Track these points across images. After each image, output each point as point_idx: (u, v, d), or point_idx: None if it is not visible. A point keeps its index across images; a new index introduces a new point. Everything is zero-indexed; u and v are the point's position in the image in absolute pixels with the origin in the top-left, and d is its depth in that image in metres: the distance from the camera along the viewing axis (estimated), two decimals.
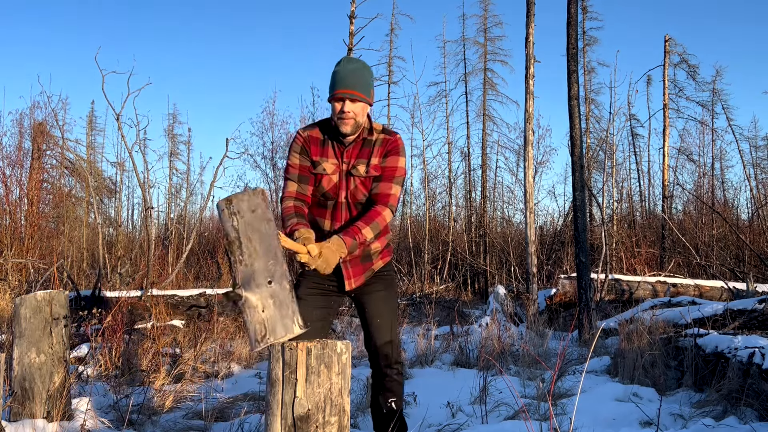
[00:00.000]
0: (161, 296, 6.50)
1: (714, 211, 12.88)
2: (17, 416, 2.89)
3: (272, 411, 1.60)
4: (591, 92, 18.18)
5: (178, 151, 25.27)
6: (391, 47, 18.30)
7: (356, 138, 2.45)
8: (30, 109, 12.68)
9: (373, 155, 2.45)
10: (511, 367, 4.92)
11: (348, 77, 2.34)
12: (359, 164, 2.45)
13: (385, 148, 2.46)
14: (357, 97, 2.35)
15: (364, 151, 2.46)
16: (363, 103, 2.38)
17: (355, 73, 2.36)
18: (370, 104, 2.43)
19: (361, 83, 2.36)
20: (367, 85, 2.40)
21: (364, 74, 2.39)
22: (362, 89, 2.37)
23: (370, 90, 2.42)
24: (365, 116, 2.44)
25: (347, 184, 2.46)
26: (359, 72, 2.38)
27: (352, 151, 2.46)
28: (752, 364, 3.42)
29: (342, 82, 2.34)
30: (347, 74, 2.35)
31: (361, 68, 2.40)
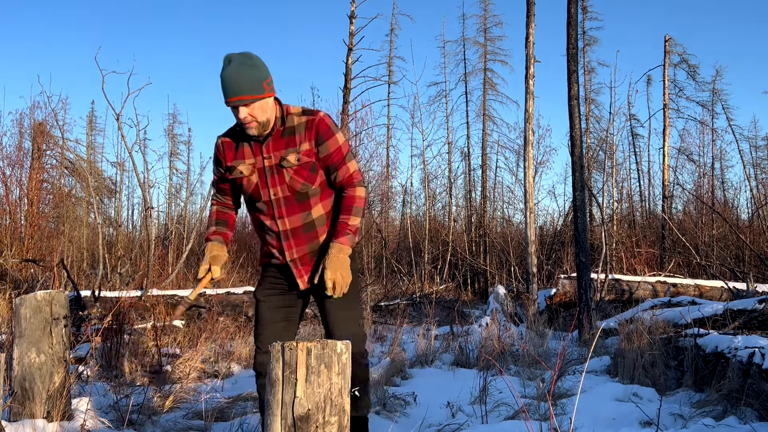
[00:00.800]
0: (161, 296, 6.50)
1: (714, 211, 12.89)
2: (17, 416, 2.89)
3: (272, 411, 1.60)
4: (591, 92, 18.20)
5: (178, 151, 25.31)
6: (391, 47, 18.32)
7: (271, 131, 2.32)
8: (30, 109, 12.71)
9: (302, 142, 2.32)
10: (511, 367, 4.92)
11: (232, 82, 2.16)
12: (288, 154, 2.32)
13: (313, 131, 2.32)
14: (248, 101, 2.18)
15: (289, 140, 2.33)
16: (259, 102, 2.21)
17: (238, 75, 2.16)
18: (269, 96, 2.24)
19: (247, 84, 2.17)
20: (256, 80, 2.19)
21: (248, 71, 2.18)
22: (250, 90, 2.18)
23: (263, 83, 2.20)
24: (269, 110, 2.27)
25: (279, 178, 2.35)
26: (242, 71, 2.17)
27: (271, 145, 2.34)
28: (752, 364, 3.42)
29: (228, 90, 2.18)
30: (230, 79, 2.16)
31: (244, 66, 2.18)
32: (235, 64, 2.17)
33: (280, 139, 2.34)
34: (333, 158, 2.36)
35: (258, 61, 2.22)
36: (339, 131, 2.39)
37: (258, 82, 2.19)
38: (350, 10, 14.76)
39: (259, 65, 2.22)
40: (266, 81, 2.22)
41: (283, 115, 2.34)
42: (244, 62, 2.18)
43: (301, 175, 2.34)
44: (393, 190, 16.91)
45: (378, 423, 3.26)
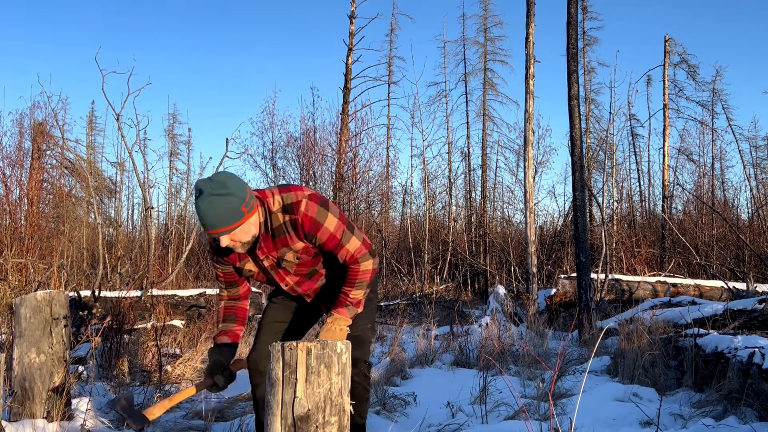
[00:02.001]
0: (161, 296, 6.50)
1: (714, 211, 12.89)
2: (17, 416, 2.89)
3: (272, 411, 1.60)
4: (591, 92, 18.21)
5: (178, 151, 25.31)
6: (391, 47, 18.32)
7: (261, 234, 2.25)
8: (30, 109, 12.71)
9: (294, 241, 2.25)
10: (511, 367, 4.92)
11: (206, 216, 2.07)
12: (285, 254, 2.29)
13: (301, 231, 2.22)
14: (227, 231, 2.10)
15: (279, 240, 2.26)
16: (242, 226, 2.12)
17: (211, 208, 2.06)
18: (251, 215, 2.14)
19: (222, 215, 2.07)
20: (231, 209, 2.07)
21: (222, 202, 2.06)
22: (227, 220, 2.08)
23: (239, 208, 2.09)
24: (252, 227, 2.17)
25: (284, 272, 2.37)
26: (215, 204, 2.05)
27: (264, 247, 2.28)
28: (752, 364, 3.42)
29: (204, 224, 2.10)
30: (204, 212, 2.07)
31: (216, 197, 2.06)
32: (206, 197, 2.05)
33: (271, 240, 2.27)
34: (328, 246, 2.28)
35: (231, 184, 2.09)
36: (327, 212, 2.22)
37: (234, 209, 2.08)
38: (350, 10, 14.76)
39: (233, 189, 2.08)
40: (243, 203, 2.10)
41: (266, 219, 2.23)
42: (215, 193, 2.06)
43: (305, 265, 2.36)
44: (393, 190, 16.91)
45: (378, 423, 3.27)
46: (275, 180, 15.15)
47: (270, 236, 2.25)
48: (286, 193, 2.22)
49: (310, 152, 13.93)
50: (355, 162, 13.97)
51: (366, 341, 2.53)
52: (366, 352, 2.54)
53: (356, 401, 2.39)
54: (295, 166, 14.65)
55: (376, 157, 15.07)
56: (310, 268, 2.38)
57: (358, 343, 2.44)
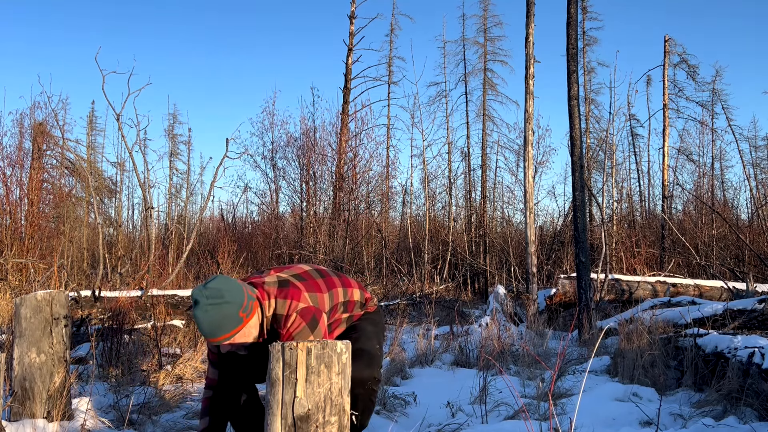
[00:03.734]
0: (161, 296, 6.50)
1: (714, 211, 12.88)
2: (17, 416, 2.89)
3: (272, 411, 1.60)
4: (591, 92, 18.20)
5: (179, 151, 25.31)
6: (391, 47, 18.31)
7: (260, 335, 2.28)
8: (30, 109, 12.70)
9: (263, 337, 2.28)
10: (511, 367, 4.92)
11: (204, 326, 2.10)
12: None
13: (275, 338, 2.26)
14: (226, 339, 2.13)
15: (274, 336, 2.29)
16: (241, 331, 2.15)
17: (208, 318, 2.08)
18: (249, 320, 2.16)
19: (220, 325, 2.09)
20: (228, 317, 2.09)
21: (218, 312, 2.08)
22: (226, 328, 2.10)
23: (237, 314, 2.11)
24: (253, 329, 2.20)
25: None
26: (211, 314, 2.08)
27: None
28: (752, 364, 3.42)
29: (204, 332, 2.13)
30: (201, 322, 2.10)
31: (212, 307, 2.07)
32: (203, 307, 2.07)
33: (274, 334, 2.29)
34: None
35: (227, 292, 2.10)
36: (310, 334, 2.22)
37: (232, 317, 2.10)
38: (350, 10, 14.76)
39: (229, 298, 2.09)
40: (241, 309, 2.11)
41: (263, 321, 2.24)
42: (211, 303, 2.07)
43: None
44: (393, 190, 16.90)
45: (378, 423, 3.27)
46: (275, 180, 15.16)
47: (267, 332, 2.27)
48: (282, 299, 2.23)
49: (310, 152, 13.94)
50: (355, 162, 13.97)
51: (376, 360, 2.55)
52: (376, 370, 2.56)
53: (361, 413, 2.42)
54: (295, 166, 14.67)
55: (376, 157, 15.08)
56: None
57: (368, 361, 2.47)
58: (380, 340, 2.62)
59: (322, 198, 14.32)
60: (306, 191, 14.18)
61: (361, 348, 2.40)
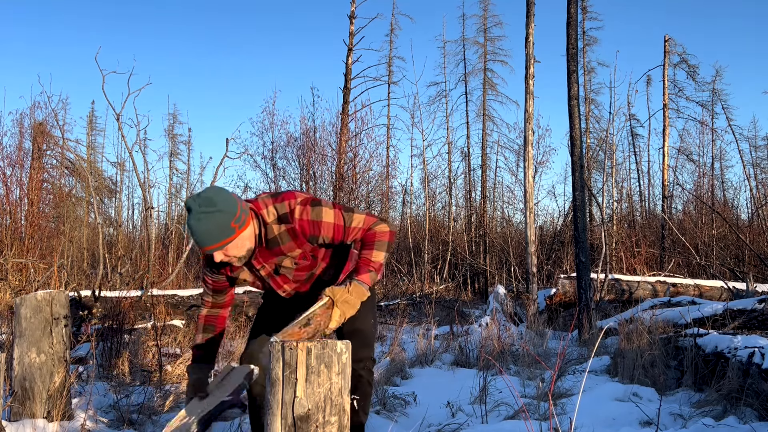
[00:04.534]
0: (161, 296, 6.50)
1: (714, 211, 12.89)
2: (17, 416, 2.89)
3: (272, 411, 1.60)
4: (591, 92, 18.21)
5: (179, 151, 25.34)
6: (391, 47, 18.32)
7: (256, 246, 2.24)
8: (30, 109, 12.69)
9: (291, 249, 2.24)
10: (511, 367, 4.92)
11: (197, 234, 2.05)
12: (282, 261, 2.27)
13: (300, 237, 2.21)
14: (218, 247, 2.08)
15: (276, 250, 2.24)
16: (234, 241, 2.10)
17: (200, 226, 2.04)
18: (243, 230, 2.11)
19: (213, 234, 2.04)
20: (221, 225, 2.05)
21: (211, 220, 2.04)
22: (218, 236, 2.05)
23: (230, 224, 2.06)
24: (247, 241, 2.15)
25: (282, 278, 2.34)
26: (204, 222, 2.04)
27: (260, 257, 2.27)
28: (752, 364, 3.42)
29: (198, 240, 2.07)
30: (194, 231, 2.05)
31: (205, 215, 2.04)
32: (195, 214, 2.04)
33: (267, 250, 2.25)
34: (337, 238, 2.23)
35: (221, 200, 2.06)
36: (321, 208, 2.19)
37: (224, 226, 2.05)
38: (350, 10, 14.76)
39: (222, 206, 2.05)
40: (233, 219, 2.07)
41: (260, 231, 2.20)
42: (203, 211, 2.03)
43: (302, 270, 2.34)
44: (393, 190, 16.90)
45: (378, 423, 3.27)
46: (275, 180, 15.15)
47: (264, 247, 2.23)
48: (279, 202, 2.20)
49: (310, 152, 13.93)
50: (355, 162, 13.97)
51: (371, 338, 2.54)
52: (371, 348, 2.56)
53: (360, 396, 2.40)
54: (295, 166, 14.66)
55: (376, 157, 15.08)
56: (309, 271, 2.37)
57: (364, 339, 2.46)
58: (374, 314, 2.57)
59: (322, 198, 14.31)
60: (306, 191, 14.18)
61: (357, 328, 2.38)
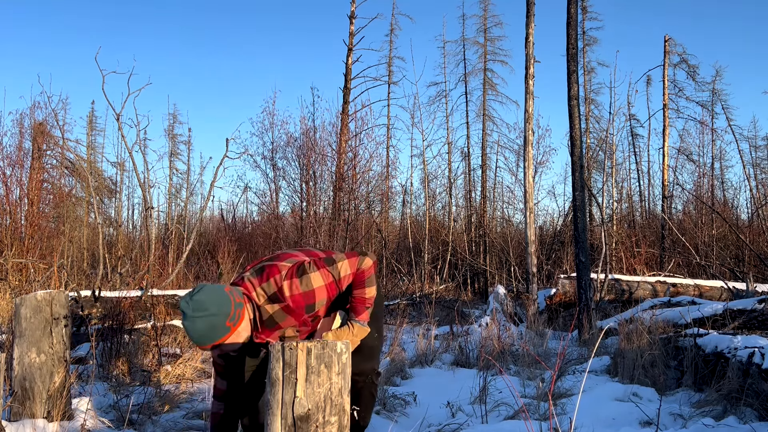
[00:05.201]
0: (161, 296, 6.50)
1: (714, 211, 12.89)
2: (17, 416, 2.89)
3: (272, 411, 1.60)
4: (591, 92, 18.20)
5: (179, 151, 25.33)
6: (391, 47, 18.32)
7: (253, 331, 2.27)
8: (30, 109, 12.68)
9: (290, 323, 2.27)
10: (511, 367, 4.92)
11: (193, 336, 2.10)
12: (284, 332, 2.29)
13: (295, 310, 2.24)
14: (218, 344, 2.14)
15: (275, 327, 2.28)
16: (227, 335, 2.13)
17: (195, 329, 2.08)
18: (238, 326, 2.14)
19: (210, 334, 2.09)
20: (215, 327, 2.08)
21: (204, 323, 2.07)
22: (215, 336, 2.10)
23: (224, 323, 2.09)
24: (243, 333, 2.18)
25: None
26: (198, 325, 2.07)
27: (262, 335, 2.29)
28: (752, 364, 3.42)
29: (196, 342, 2.13)
30: (190, 332, 2.10)
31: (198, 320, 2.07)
32: (189, 319, 2.07)
33: (267, 329, 2.27)
34: (332, 296, 2.28)
35: (212, 304, 2.07)
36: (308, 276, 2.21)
37: (219, 326, 2.09)
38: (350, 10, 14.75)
39: (215, 310, 2.07)
40: (228, 319, 2.09)
41: (255, 316, 2.23)
42: (196, 316, 2.06)
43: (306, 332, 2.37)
44: (393, 190, 16.90)
45: (378, 423, 3.27)
46: (275, 180, 15.14)
47: (263, 327, 2.26)
48: (266, 282, 2.22)
49: (310, 152, 13.93)
50: (355, 162, 13.96)
51: (375, 351, 2.56)
52: (375, 361, 2.57)
53: (362, 407, 2.42)
54: (295, 166, 14.66)
55: (376, 157, 15.07)
56: (312, 329, 2.41)
57: (368, 353, 2.48)
58: (380, 327, 2.58)
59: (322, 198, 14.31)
60: (306, 191, 14.17)
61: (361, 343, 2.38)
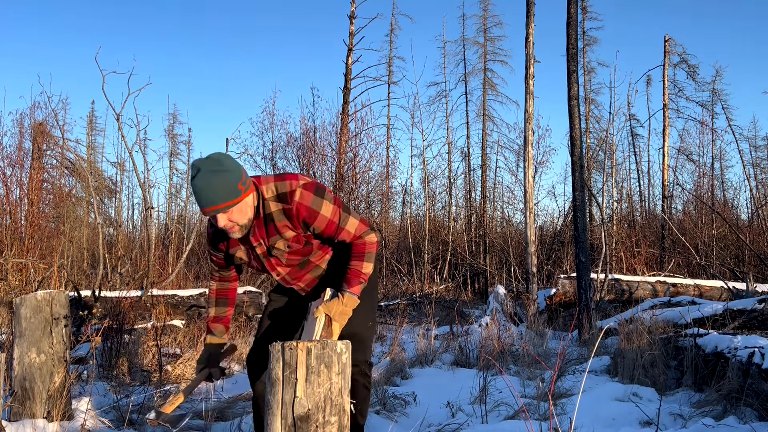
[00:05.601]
0: (161, 296, 6.50)
1: (714, 211, 12.89)
2: (17, 416, 2.89)
3: (272, 411, 1.60)
4: (591, 92, 18.21)
5: (179, 151, 25.32)
6: (391, 47, 18.33)
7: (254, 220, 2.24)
8: (30, 109, 12.69)
9: (285, 229, 2.22)
10: (511, 367, 4.92)
11: (204, 193, 2.05)
12: (275, 242, 2.26)
13: (295, 220, 2.20)
14: (223, 209, 2.07)
15: (271, 228, 2.24)
16: (237, 205, 2.10)
17: (209, 185, 2.04)
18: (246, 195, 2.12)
19: (220, 193, 2.05)
20: (229, 186, 2.06)
21: (219, 179, 2.05)
22: (224, 198, 2.06)
23: (237, 186, 2.07)
24: (249, 209, 2.16)
25: (275, 260, 2.33)
26: (213, 180, 2.04)
27: (257, 233, 2.26)
28: (752, 364, 3.42)
29: (201, 200, 2.07)
30: (201, 189, 2.05)
31: (214, 174, 2.05)
32: (204, 174, 2.04)
33: (263, 227, 2.25)
34: (327, 233, 2.25)
35: (228, 162, 2.08)
36: (322, 199, 2.19)
37: (232, 187, 2.06)
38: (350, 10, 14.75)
39: (231, 167, 2.07)
40: (240, 182, 2.08)
41: (259, 203, 2.20)
42: (213, 170, 2.04)
43: (295, 254, 2.33)
44: (393, 190, 16.91)
45: (378, 423, 3.27)
46: None
47: (262, 222, 2.23)
48: (281, 181, 2.20)
49: (310, 152, 13.93)
50: (355, 162, 13.97)
51: (367, 341, 2.51)
52: (368, 352, 2.53)
53: (357, 401, 2.38)
54: (295, 166, 14.64)
55: (376, 157, 15.08)
56: (302, 258, 2.35)
57: (360, 343, 2.40)
58: (372, 315, 2.52)
59: None
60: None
61: (351, 332, 2.30)
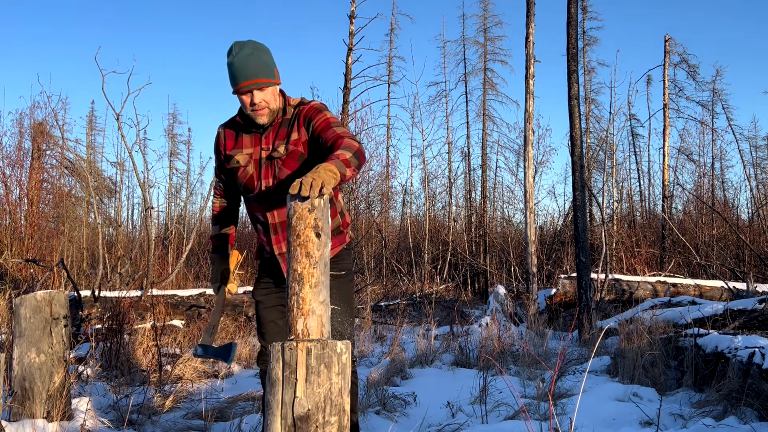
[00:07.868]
0: (161, 296, 6.49)
1: (714, 211, 12.88)
2: (17, 416, 2.89)
3: (272, 411, 1.60)
4: (591, 92, 18.18)
5: (178, 151, 25.31)
6: (391, 47, 18.31)
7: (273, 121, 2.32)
8: (30, 109, 12.70)
9: (292, 132, 2.29)
10: (511, 367, 4.92)
11: (246, 66, 2.14)
12: (279, 146, 2.29)
13: (302, 117, 2.30)
14: (263, 84, 2.18)
15: (282, 132, 2.31)
16: (272, 87, 2.22)
17: (252, 59, 2.15)
18: (278, 84, 2.27)
19: (261, 68, 2.17)
20: (269, 66, 2.21)
21: (261, 56, 2.19)
22: (265, 74, 2.18)
23: (274, 69, 2.24)
24: (278, 98, 2.28)
25: (270, 170, 2.32)
26: (256, 55, 2.17)
27: (270, 135, 2.32)
28: (752, 364, 3.42)
29: (242, 73, 2.15)
30: (244, 63, 2.14)
31: (257, 51, 2.18)
32: (248, 49, 2.17)
33: (277, 131, 2.32)
34: (319, 127, 2.23)
35: (267, 49, 2.26)
36: (327, 110, 2.31)
37: (271, 67, 2.23)
38: (350, 10, 14.74)
39: (269, 53, 2.26)
40: (276, 69, 2.26)
41: (284, 106, 2.34)
42: (256, 47, 2.20)
43: (288, 165, 2.30)
44: (393, 190, 16.90)
45: (378, 423, 3.27)
46: None
47: (278, 125, 2.32)
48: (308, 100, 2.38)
49: None
50: None
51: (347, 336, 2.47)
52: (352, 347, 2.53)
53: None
54: None
55: (376, 157, 15.08)
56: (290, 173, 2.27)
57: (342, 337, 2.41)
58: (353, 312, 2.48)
59: None
60: None
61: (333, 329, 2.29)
